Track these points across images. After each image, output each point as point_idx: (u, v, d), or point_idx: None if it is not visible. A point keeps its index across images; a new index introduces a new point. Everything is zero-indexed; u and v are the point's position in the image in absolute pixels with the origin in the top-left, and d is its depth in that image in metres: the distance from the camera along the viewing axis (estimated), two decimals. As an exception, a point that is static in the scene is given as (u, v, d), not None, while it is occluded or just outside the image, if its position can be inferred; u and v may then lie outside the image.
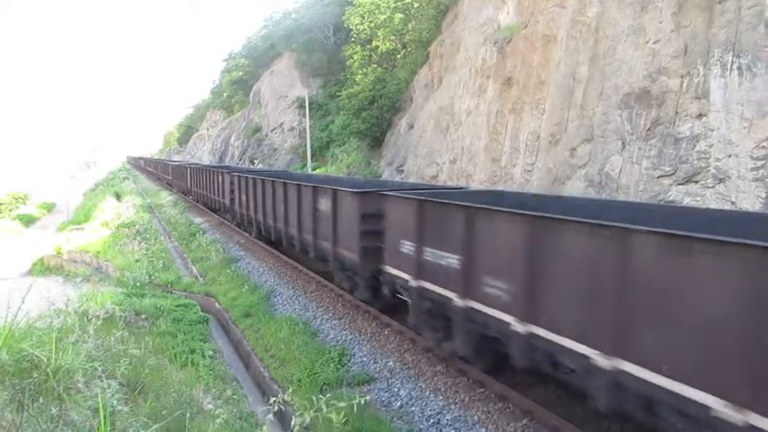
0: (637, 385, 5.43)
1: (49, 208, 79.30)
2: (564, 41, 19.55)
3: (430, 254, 8.89)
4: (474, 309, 7.86)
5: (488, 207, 7.91)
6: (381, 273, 10.76)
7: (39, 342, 5.26)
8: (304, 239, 15.20)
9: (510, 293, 7.12)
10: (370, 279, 11.76)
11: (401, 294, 10.17)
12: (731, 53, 12.95)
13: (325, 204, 13.43)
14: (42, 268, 31.87)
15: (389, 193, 10.71)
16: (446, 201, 8.82)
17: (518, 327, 6.91)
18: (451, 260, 8.30)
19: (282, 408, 4.00)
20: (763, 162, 12.00)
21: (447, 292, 8.46)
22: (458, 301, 8.17)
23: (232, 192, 24.82)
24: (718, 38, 13.34)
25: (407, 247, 9.53)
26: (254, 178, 21.11)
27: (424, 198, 9.29)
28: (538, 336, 6.64)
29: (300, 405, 3.95)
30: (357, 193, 11.79)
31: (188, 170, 41.15)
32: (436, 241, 8.77)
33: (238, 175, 23.89)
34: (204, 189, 33.08)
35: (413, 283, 9.39)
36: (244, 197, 22.54)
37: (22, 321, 5.82)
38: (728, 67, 12.98)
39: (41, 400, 4.49)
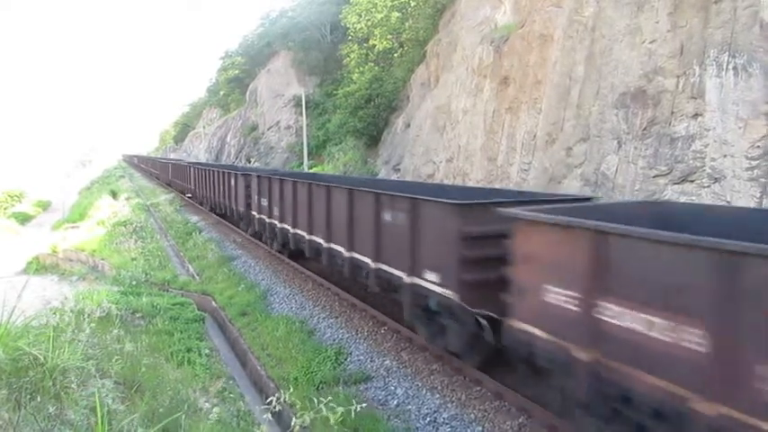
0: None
1: (45, 206, 78.99)
2: (560, 41, 19.59)
3: (262, 201, 18.38)
4: (272, 223, 17.24)
5: (270, 176, 17.82)
6: (252, 216, 19.94)
7: (35, 341, 5.26)
8: (226, 204, 25.31)
9: (279, 212, 16.44)
10: (250, 221, 20.78)
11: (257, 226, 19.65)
12: (727, 53, 13.00)
13: (233, 182, 23.41)
14: (38, 267, 31.69)
15: (252, 173, 21.15)
16: (266, 176, 18.40)
17: (278, 225, 16.51)
18: (266, 202, 17.90)
19: (281, 408, 4.01)
20: (758, 162, 12.05)
21: (264, 217, 18.26)
22: (266, 220, 17.95)
23: (194, 179, 35.12)
24: (713, 38, 13.39)
25: (256, 199, 19.29)
26: (203, 169, 32.56)
27: (258, 174, 19.53)
28: (285, 228, 15.88)
29: (301, 406, 3.95)
30: (242, 174, 22.12)
31: (169, 166, 54.68)
32: (263, 195, 18.22)
33: (196, 168, 35.54)
34: (179, 179, 44.55)
35: (257, 216, 19.23)
36: (201, 182, 32.56)
37: (19, 320, 5.81)
38: (724, 68, 13.03)
39: (38, 398, 4.49)
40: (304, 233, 14.02)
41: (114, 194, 53.75)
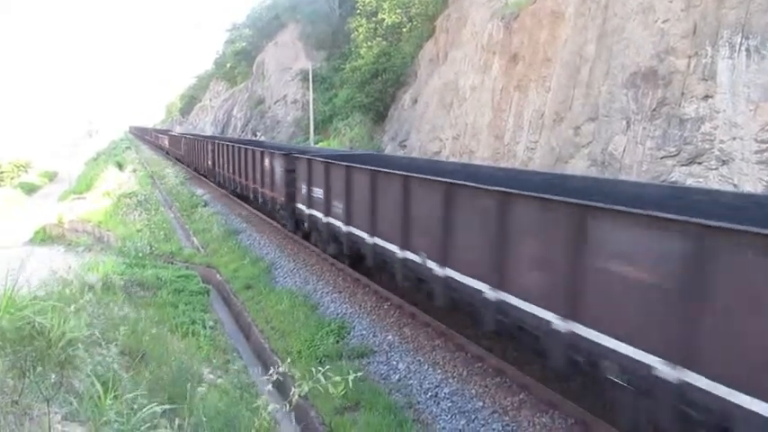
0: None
1: (51, 176, 79.15)
2: (572, 19, 19.32)
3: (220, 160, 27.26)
4: (223, 172, 27.04)
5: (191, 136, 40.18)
6: (216, 171, 28.65)
7: (40, 310, 5.28)
8: (201, 164, 34.86)
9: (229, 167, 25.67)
10: (215, 174, 29.55)
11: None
12: (740, 34, 12.80)
13: (207, 147, 32.27)
14: (44, 237, 31.88)
15: (205, 140, 34.32)
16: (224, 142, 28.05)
17: (224, 173, 27.05)
18: (221, 161, 26.98)
19: (281, 378, 4.05)
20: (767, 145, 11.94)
21: (220, 170, 27.84)
22: (219, 170, 28.15)
23: (185, 146, 43.98)
24: (727, 18, 13.17)
25: (219, 166, 27.68)
26: (191, 138, 42.33)
27: (217, 140, 31.13)
28: (233, 177, 25.22)
29: (301, 376, 4.00)
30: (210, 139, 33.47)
31: (166, 137, 64.21)
32: (220, 155, 27.61)
33: (186, 137, 45.61)
34: (174, 147, 53.77)
35: (219, 171, 28.05)
36: (189, 149, 41.83)
37: (24, 289, 5.84)
38: (737, 49, 12.84)
39: (43, 367, 4.53)
40: (236, 176, 24.02)
41: (120, 166, 53.81)
